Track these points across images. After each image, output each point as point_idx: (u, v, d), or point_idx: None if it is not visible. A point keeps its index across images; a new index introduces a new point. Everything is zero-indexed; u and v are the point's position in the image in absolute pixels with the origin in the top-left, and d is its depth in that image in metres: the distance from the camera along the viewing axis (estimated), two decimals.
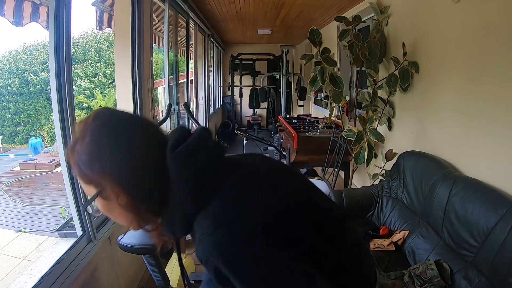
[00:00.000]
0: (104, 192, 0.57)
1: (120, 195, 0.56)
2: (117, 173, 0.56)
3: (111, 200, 0.57)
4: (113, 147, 0.56)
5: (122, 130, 0.58)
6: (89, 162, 0.56)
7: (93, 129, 0.56)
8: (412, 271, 1.52)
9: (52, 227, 3.40)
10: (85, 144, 0.56)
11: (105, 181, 0.56)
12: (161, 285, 1.29)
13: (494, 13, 1.50)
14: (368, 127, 2.24)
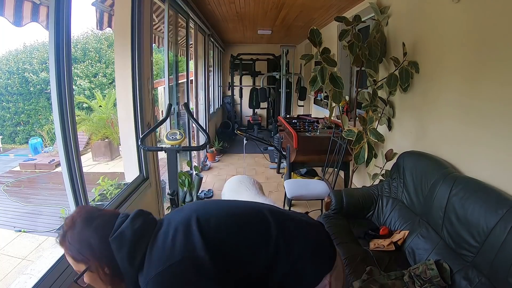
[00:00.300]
0: (91, 267, 0.79)
1: (103, 268, 0.80)
2: (100, 254, 0.79)
3: (97, 273, 0.80)
4: (96, 233, 0.81)
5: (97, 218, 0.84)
6: (81, 247, 0.80)
7: (81, 221, 0.82)
8: (412, 271, 1.52)
9: (52, 227, 3.41)
10: (76, 234, 0.81)
11: (91, 260, 0.79)
12: None
13: (494, 13, 1.50)
14: (368, 127, 2.24)
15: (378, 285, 1.45)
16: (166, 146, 1.80)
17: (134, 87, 2.00)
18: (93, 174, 5.30)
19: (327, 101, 2.55)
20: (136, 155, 2.11)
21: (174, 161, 1.74)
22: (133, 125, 2.06)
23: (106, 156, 6.82)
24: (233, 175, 2.75)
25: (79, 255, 0.80)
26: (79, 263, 0.80)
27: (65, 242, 0.81)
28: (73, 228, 0.82)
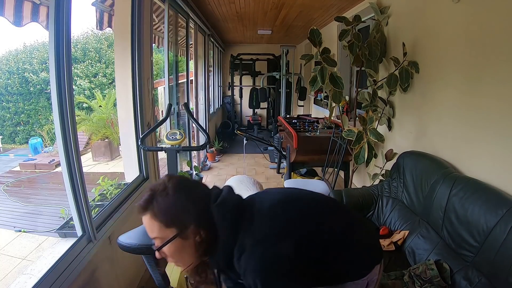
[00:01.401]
0: (185, 232, 0.76)
1: (198, 233, 0.77)
2: (198, 217, 0.77)
3: (189, 239, 0.77)
4: (194, 197, 0.79)
5: (193, 186, 0.83)
6: (177, 210, 0.77)
7: (175, 185, 0.78)
8: (412, 271, 1.52)
9: (52, 227, 3.40)
10: (171, 197, 0.76)
11: (188, 225, 0.76)
12: (161, 285, 1.29)
13: (494, 13, 1.50)
14: (368, 127, 2.24)
15: (378, 285, 1.45)
16: (166, 146, 1.81)
17: (134, 87, 2.00)
18: (93, 174, 5.30)
19: (327, 101, 2.55)
20: (136, 155, 2.10)
21: (174, 161, 1.74)
22: (133, 125, 2.06)
23: (106, 156, 6.82)
24: (233, 175, 2.75)
25: (172, 220, 0.76)
26: (168, 229, 0.76)
27: (151, 207, 0.76)
28: (165, 193, 0.77)
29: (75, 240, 1.30)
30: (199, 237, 0.78)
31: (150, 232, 0.78)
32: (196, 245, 0.78)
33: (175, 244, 0.77)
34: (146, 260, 1.24)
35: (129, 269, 1.80)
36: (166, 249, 0.77)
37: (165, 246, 0.76)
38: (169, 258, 0.80)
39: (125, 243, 1.17)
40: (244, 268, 0.74)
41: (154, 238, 0.78)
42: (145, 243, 1.17)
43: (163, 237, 0.76)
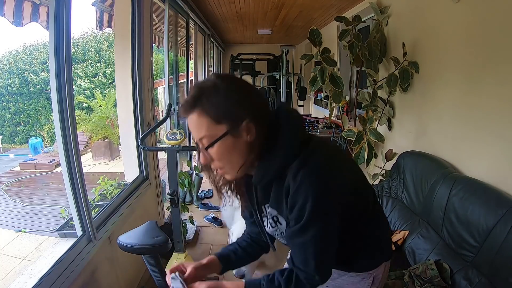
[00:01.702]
0: (237, 129, 0.69)
1: (251, 130, 0.70)
2: (252, 111, 0.70)
3: (240, 137, 0.70)
4: (247, 92, 0.72)
5: (245, 83, 0.75)
6: (230, 103, 0.69)
7: (225, 80, 0.71)
8: (412, 271, 1.52)
9: (52, 227, 3.41)
10: (222, 91, 0.69)
11: (244, 117, 0.69)
12: (161, 285, 1.29)
13: (494, 13, 1.50)
14: (368, 127, 2.24)
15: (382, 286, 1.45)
16: (166, 146, 1.80)
17: (134, 87, 2.00)
18: (93, 174, 5.31)
19: (327, 101, 2.56)
20: (136, 155, 2.11)
21: (174, 161, 1.74)
22: (133, 125, 2.06)
23: (106, 156, 6.82)
24: None
25: (224, 114, 0.68)
26: (218, 125, 0.68)
27: (200, 103, 0.68)
28: (216, 87, 0.69)
29: (75, 240, 1.30)
30: (251, 136, 0.70)
31: (198, 132, 0.70)
32: (247, 145, 0.71)
33: (225, 143, 0.70)
34: (146, 260, 1.24)
35: (129, 269, 1.80)
36: (214, 150, 0.70)
37: (213, 146, 0.69)
38: (215, 162, 0.73)
39: (125, 243, 1.17)
40: (300, 181, 0.68)
41: (201, 139, 0.71)
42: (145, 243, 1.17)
43: (212, 135, 0.69)
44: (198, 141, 0.72)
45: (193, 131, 0.72)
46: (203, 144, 0.71)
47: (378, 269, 0.91)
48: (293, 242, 0.75)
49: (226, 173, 0.75)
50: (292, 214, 0.72)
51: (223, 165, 0.73)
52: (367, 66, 2.41)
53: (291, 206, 0.72)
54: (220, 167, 0.74)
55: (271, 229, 0.86)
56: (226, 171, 0.75)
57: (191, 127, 0.72)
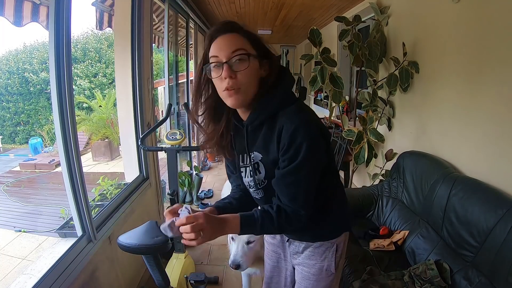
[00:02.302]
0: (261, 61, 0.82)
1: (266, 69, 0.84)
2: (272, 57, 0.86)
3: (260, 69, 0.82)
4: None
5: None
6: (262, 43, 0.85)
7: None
8: (412, 271, 1.52)
9: (52, 227, 3.41)
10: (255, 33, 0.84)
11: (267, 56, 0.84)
12: (161, 285, 1.29)
13: (494, 13, 1.50)
14: (368, 127, 2.24)
15: (378, 285, 1.45)
16: (166, 146, 1.80)
17: (134, 87, 2.00)
18: (93, 174, 5.30)
19: (327, 101, 2.56)
20: (136, 155, 2.10)
21: (174, 161, 1.74)
22: (133, 125, 2.06)
23: (106, 156, 6.82)
24: None
25: (258, 43, 0.82)
26: (252, 48, 0.81)
27: (240, 29, 0.81)
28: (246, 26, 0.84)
29: (75, 240, 1.30)
30: (265, 72, 0.83)
31: (234, 44, 0.79)
32: (260, 79, 0.82)
33: (253, 64, 0.80)
34: (146, 260, 1.24)
35: (129, 269, 1.80)
36: (244, 64, 0.78)
37: (249, 58, 0.78)
38: (238, 78, 0.79)
39: (125, 243, 1.17)
40: (300, 122, 0.77)
41: (236, 50, 0.78)
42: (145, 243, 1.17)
43: (249, 52, 0.79)
44: (232, 53, 0.78)
45: (227, 45, 0.79)
46: (236, 54, 0.78)
47: (340, 237, 1.00)
48: (284, 181, 0.82)
49: (243, 93, 0.80)
50: (287, 154, 0.79)
51: (245, 82, 0.79)
52: (367, 66, 2.41)
53: (287, 145, 0.78)
54: (241, 83, 0.79)
55: (249, 179, 0.92)
56: (243, 90, 0.80)
57: (225, 42, 0.79)
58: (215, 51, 0.80)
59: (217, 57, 0.79)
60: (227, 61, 0.78)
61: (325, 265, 1.00)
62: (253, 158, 0.89)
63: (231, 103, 0.81)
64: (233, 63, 0.78)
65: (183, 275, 1.67)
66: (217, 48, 0.80)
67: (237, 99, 0.80)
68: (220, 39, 0.80)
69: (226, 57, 0.78)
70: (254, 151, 0.88)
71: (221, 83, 0.80)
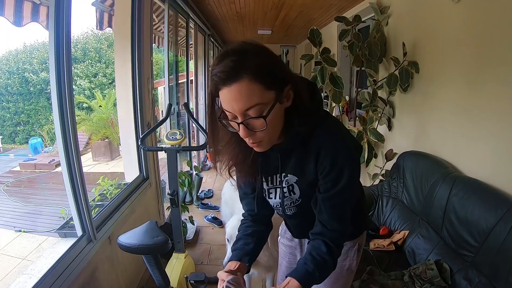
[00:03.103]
0: (281, 94, 0.67)
1: (290, 95, 0.70)
2: (291, 76, 0.70)
3: (282, 103, 0.69)
4: (279, 57, 0.72)
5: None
6: (275, 66, 0.67)
7: (258, 45, 0.67)
8: (412, 271, 1.52)
9: (52, 227, 3.40)
10: (262, 53, 0.66)
11: (287, 81, 0.68)
12: (161, 285, 1.29)
13: (494, 13, 1.50)
14: (368, 127, 2.24)
15: (378, 285, 1.45)
16: (166, 146, 1.80)
17: (134, 87, 2.00)
18: (93, 174, 5.30)
19: (327, 101, 2.55)
20: (136, 155, 2.11)
21: (174, 161, 1.74)
22: (133, 125, 2.06)
23: (106, 156, 6.82)
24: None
25: (273, 79, 0.65)
26: (269, 92, 0.65)
27: (247, 68, 0.62)
28: (254, 51, 0.65)
29: (75, 240, 1.30)
30: (288, 101, 0.70)
31: (247, 100, 0.63)
32: (284, 110, 0.71)
33: (275, 111, 0.67)
34: (146, 260, 1.24)
35: (129, 269, 1.80)
36: (264, 125, 0.66)
37: (269, 114, 0.65)
38: (258, 134, 0.68)
39: (125, 243, 1.17)
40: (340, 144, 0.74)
41: (252, 107, 0.64)
42: (145, 243, 1.17)
43: (265, 103, 0.65)
44: (244, 112, 0.65)
45: (239, 100, 0.63)
46: (255, 113, 0.65)
47: (361, 237, 1.01)
48: (329, 204, 0.79)
49: (265, 144, 0.72)
50: (329, 177, 0.75)
51: (267, 135, 0.70)
52: (367, 66, 2.41)
53: (329, 169, 0.74)
54: (263, 137, 0.70)
55: (279, 200, 0.88)
56: (266, 141, 0.71)
57: (236, 96, 0.64)
58: (225, 104, 0.67)
59: (230, 112, 0.67)
60: (242, 121, 0.66)
61: (347, 264, 1.00)
62: (287, 181, 0.84)
63: (257, 150, 0.75)
64: (249, 121, 0.66)
65: (183, 275, 1.67)
66: (227, 102, 0.66)
67: (263, 148, 0.74)
68: (227, 92, 0.64)
69: (240, 115, 0.66)
70: (288, 174, 0.83)
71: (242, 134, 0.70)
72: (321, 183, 0.78)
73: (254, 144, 0.72)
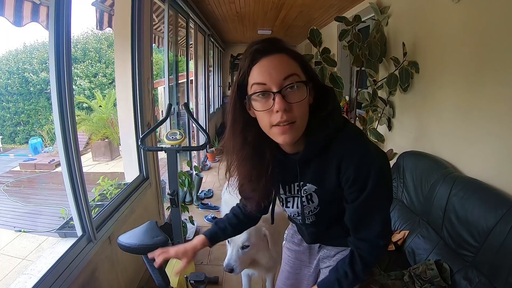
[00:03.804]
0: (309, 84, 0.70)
1: (311, 93, 0.72)
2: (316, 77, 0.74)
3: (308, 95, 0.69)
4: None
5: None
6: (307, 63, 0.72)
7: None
8: (412, 271, 1.52)
9: (52, 227, 3.41)
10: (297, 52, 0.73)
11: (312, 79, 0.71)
12: (161, 285, 1.29)
13: (494, 13, 1.50)
14: (368, 127, 2.24)
15: (378, 285, 1.45)
16: (166, 146, 1.80)
17: (134, 87, 2.00)
18: (93, 174, 5.31)
19: None
20: (136, 155, 2.10)
21: (174, 161, 1.74)
22: (133, 125, 2.06)
23: (106, 156, 6.82)
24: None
25: (306, 65, 0.71)
26: (303, 73, 0.69)
27: (288, 49, 0.69)
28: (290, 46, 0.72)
29: (75, 240, 1.30)
30: (312, 98, 0.72)
31: (288, 68, 0.66)
32: (308, 106, 0.71)
33: (306, 92, 0.68)
34: (146, 260, 1.24)
35: (129, 269, 1.80)
36: (301, 93, 0.67)
37: (308, 84, 0.68)
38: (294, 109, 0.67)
39: (125, 243, 1.17)
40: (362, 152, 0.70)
41: (291, 75, 0.66)
42: (145, 243, 1.17)
43: (301, 76, 0.68)
44: (283, 81, 0.65)
45: (277, 70, 0.66)
46: (291, 82, 0.66)
47: None
48: (358, 213, 0.76)
49: (298, 127, 0.69)
50: (355, 186, 0.72)
51: (301, 114, 0.68)
52: (367, 66, 2.41)
53: (354, 178, 0.71)
54: (297, 117, 0.67)
55: (298, 209, 0.86)
56: (299, 124, 0.69)
57: (277, 65, 0.66)
58: (260, 76, 0.66)
59: (264, 84, 0.66)
60: (279, 90, 0.65)
61: None
62: (305, 190, 0.81)
63: (284, 140, 0.69)
64: (287, 92, 0.65)
65: (183, 275, 1.67)
66: (264, 72, 0.65)
67: (292, 136, 0.68)
68: (267, 61, 0.66)
69: (277, 85, 0.65)
70: (307, 183, 0.80)
71: (271, 117, 0.67)
72: (347, 193, 0.75)
73: (286, 127, 0.67)
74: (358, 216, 0.77)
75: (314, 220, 0.88)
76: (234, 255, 1.40)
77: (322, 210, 0.84)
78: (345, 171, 0.72)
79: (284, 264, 1.16)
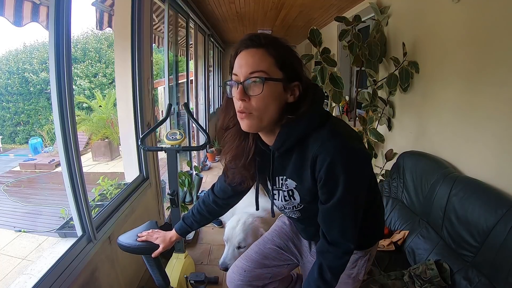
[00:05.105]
0: (288, 84, 0.74)
1: (295, 93, 0.75)
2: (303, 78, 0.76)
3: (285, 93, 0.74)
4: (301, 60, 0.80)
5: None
6: (292, 60, 0.75)
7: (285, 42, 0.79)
8: (412, 271, 1.52)
9: (52, 227, 3.41)
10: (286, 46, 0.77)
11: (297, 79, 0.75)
12: (161, 285, 1.29)
13: (494, 13, 1.50)
14: (368, 127, 2.24)
15: (378, 285, 1.45)
16: (166, 146, 1.80)
17: (134, 87, 2.00)
18: (93, 174, 5.31)
19: (327, 101, 2.55)
20: (136, 155, 2.10)
21: (174, 161, 1.74)
22: (133, 125, 2.06)
23: (106, 156, 6.83)
24: None
25: (285, 64, 0.73)
26: (277, 70, 0.72)
27: (268, 45, 0.73)
28: (280, 41, 0.77)
29: (75, 240, 1.30)
30: (292, 98, 0.75)
31: (257, 64, 0.71)
32: (285, 103, 0.74)
33: (275, 88, 0.72)
34: (146, 260, 1.24)
35: (129, 269, 1.80)
36: (262, 88, 0.70)
37: (268, 82, 0.70)
38: (252, 102, 0.72)
39: (125, 243, 1.17)
40: (335, 153, 0.70)
41: (255, 72, 0.71)
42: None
43: (269, 73, 0.71)
44: (249, 74, 0.71)
45: (249, 63, 0.72)
46: (257, 74, 0.71)
47: (374, 246, 0.99)
48: (328, 217, 0.78)
49: (256, 118, 0.73)
50: (326, 187, 0.73)
51: (259, 108, 0.72)
52: (367, 66, 2.41)
53: (325, 179, 0.72)
54: (254, 109, 0.72)
55: (283, 203, 0.88)
56: (257, 116, 0.73)
57: (248, 59, 0.73)
58: (235, 67, 0.75)
59: (235, 75, 0.74)
60: (242, 81, 0.72)
61: (354, 272, 0.98)
62: (287, 185, 0.84)
63: (242, 126, 0.75)
64: (248, 85, 0.71)
65: (183, 275, 1.67)
66: (238, 64, 0.74)
67: (249, 124, 0.74)
68: (243, 54, 0.74)
69: (243, 77, 0.72)
70: (288, 178, 0.83)
71: (236, 103, 0.75)
72: (320, 193, 0.76)
73: (243, 115, 0.73)
74: (330, 219, 0.78)
75: (299, 216, 0.90)
76: (229, 254, 1.40)
77: (306, 208, 0.85)
78: (319, 170, 0.73)
79: (272, 233, 1.18)
